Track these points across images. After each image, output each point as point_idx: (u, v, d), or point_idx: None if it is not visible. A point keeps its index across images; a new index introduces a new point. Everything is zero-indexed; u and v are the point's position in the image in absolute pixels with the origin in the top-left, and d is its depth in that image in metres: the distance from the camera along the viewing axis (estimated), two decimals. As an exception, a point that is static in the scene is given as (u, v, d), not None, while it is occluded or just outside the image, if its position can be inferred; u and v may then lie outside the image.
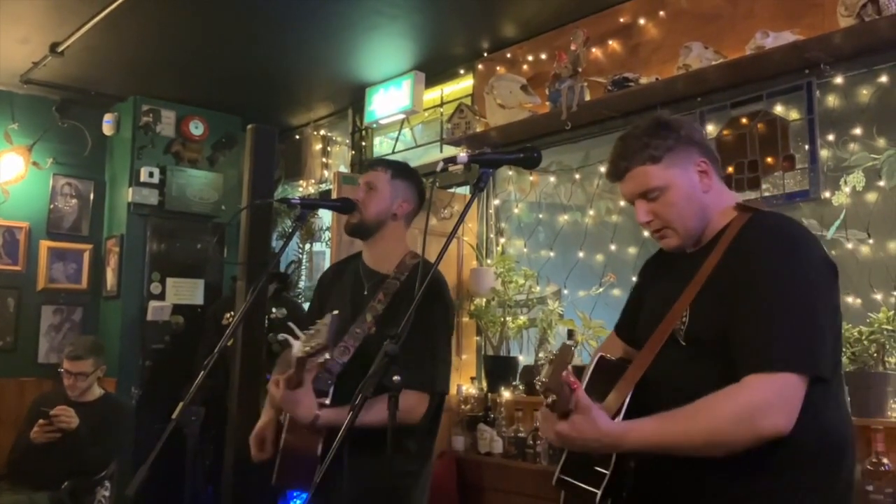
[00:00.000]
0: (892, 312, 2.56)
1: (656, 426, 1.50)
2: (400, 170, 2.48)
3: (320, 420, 2.13)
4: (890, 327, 2.54)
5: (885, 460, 2.38)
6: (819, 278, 1.54)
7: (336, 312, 2.11)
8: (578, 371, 1.64)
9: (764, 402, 1.43)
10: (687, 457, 1.50)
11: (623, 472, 1.59)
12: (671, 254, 1.80)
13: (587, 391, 1.55)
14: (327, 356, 2.09)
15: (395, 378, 1.65)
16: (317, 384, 2.19)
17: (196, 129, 5.24)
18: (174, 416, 2.03)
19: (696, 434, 1.47)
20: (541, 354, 3.70)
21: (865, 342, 2.56)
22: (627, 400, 1.61)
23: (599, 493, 1.57)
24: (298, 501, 4.36)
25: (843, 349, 2.58)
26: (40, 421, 3.62)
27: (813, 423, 1.47)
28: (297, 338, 2.15)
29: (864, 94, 2.85)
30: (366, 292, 2.39)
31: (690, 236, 1.69)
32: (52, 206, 5.18)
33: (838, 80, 2.88)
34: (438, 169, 1.85)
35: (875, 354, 2.56)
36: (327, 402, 2.20)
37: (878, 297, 2.71)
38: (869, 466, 2.40)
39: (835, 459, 1.54)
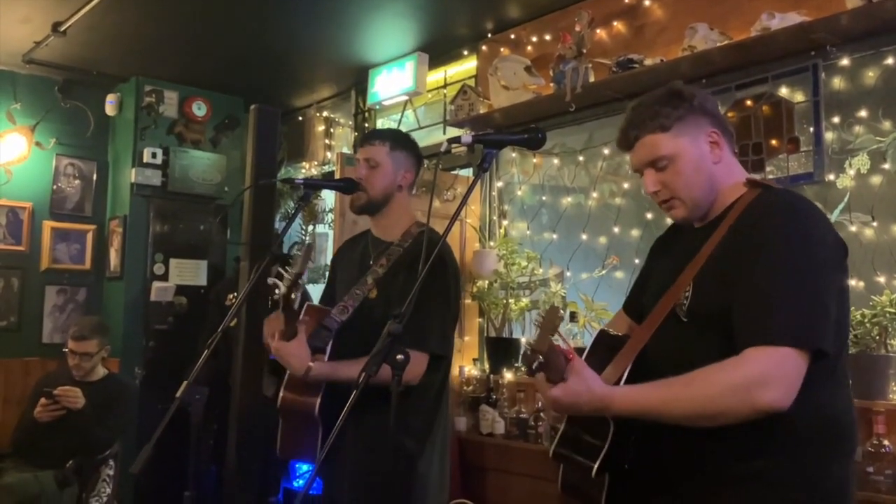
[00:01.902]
0: (895, 295, 2.56)
1: (649, 390, 1.50)
2: (397, 140, 2.48)
3: (312, 372, 2.16)
4: (893, 310, 2.54)
5: (885, 442, 2.39)
6: (826, 256, 1.52)
7: (309, 241, 2.15)
8: (579, 352, 1.64)
9: (762, 374, 1.42)
10: (686, 435, 1.49)
11: (622, 446, 1.58)
12: (680, 231, 1.80)
13: (587, 363, 1.56)
14: (304, 280, 2.12)
15: (399, 357, 1.66)
16: (315, 341, 2.22)
17: (199, 110, 5.23)
18: (178, 394, 2.05)
19: (689, 402, 1.47)
20: (539, 359, 3.69)
21: (868, 325, 2.56)
22: (626, 372, 1.61)
23: (596, 465, 1.57)
24: (304, 473, 4.40)
25: (846, 332, 2.58)
26: (42, 400, 3.65)
27: (815, 404, 1.47)
28: (280, 278, 2.19)
29: (871, 76, 2.83)
30: (372, 261, 2.41)
31: (698, 207, 1.67)
32: (55, 186, 5.18)
33: (844, 61, 2.87)
34: (442, 149, 1.84)
35: (877, 337, 2.56)
36: (325, 358, 2.23)
37: (882, 279, 2.71)
38: (870, 448, 2.41)
39: (835, 442, 1.54)
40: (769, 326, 1.44)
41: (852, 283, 2.75)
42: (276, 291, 2.17)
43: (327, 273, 2.77)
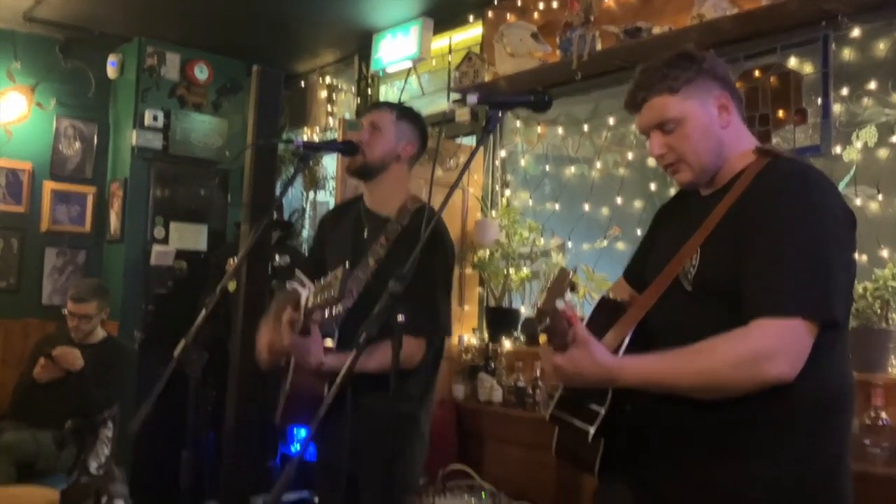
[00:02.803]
0: (897, 269, 2.56)
1: (656, 361, 1.48)
2: (404, 111, 2.45)
3: (325, 367, 2.15)
4: (895, 284, 2.53)
5: (883, 415, 2.40)
6: (836, 227, 1.50)
7: (348, 267, 2.10)
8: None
9: (770, 346, 1.41)
10: (683, 404, 1.48)
11: (619, 412, 1.57)
12: (686, 199, 1.78)
13: (587, 328, 1.53)
14: (339, 308, 2.05)
15: (400, 318, 1.65)
16: (322, 327, 2.20)
17: (201, 73, 5.18)
18: (176, 353, 2.04)
19: (695, 373, 1.45)
20: (546, 321, 3.70)
21: (869, 298, 2.55)
22: (627, 339, 1.58)
23: (593, 430, 1.56)
24: (300, 441, 4.41)
25: (847, 305, 2.58)
26: (41, 360, 3.65)
27: (817, 376, 1.45)
28: (303, 285, 2.15)
29: (881, 47, 2.80)
30: (366, 235, 2.39)
31: (705, 172, 1.64)
32: (55, 147, 5.15)
33: (855, 32, 2.83)
34: (447, 111, 1.83)
35: (879, 311, 2.55)
36: (332, 344, 2.21)
37: (885, 253, 2.70)
38: (867, 421, 2.41)
39: (834, 415, 1.53)
40: (778, 297, 1.42)
41: (855, 256, 2.74)
42: (309, 300, 2.12)
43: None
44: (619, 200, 3.66)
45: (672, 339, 1.50)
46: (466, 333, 4.00)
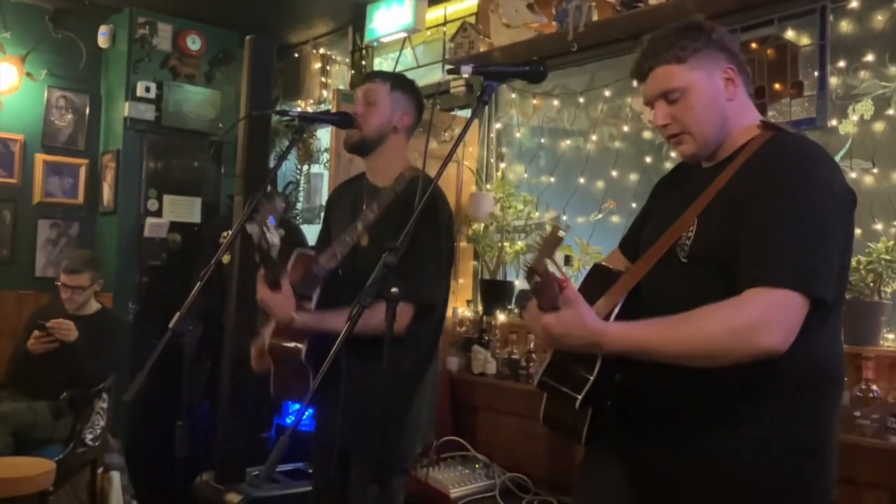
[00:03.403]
0: (891, 243, 2.56)
1: (646, 327, 1.47)
2: (398, 81, 2.43)
3: (296, 323, 2.15)
4: (888, 257, 2.54)
5: (874, 387, 2.41)
6: (834, 204, 1.49)
7: (271, 190, 2.10)
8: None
9: (763, 317, 1.40)
10: (672, 373, 1.48)
11: (608, 381, 1.57)
12: (686, 171, 1.78)
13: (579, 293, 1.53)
14: (270, 224, 2.04)
15: (394, 290, 1.65)
16: (301, 288, 2.20)
17: (193, 43, 5.12)
18: (171, 324, 2.04)
19: (687, 341, 1.44)
20: (536, 279, 3.70)
21: (863, 271, 2.56)
22: (619, 306, 1.58)
23: (580, 397, 1.55)
24: (296, 411, 4.43)
25: (841, 278, 2.59)
26: (35, 332, 3.66)
27: (807, 351, 1.46)
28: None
29: (880, 19, 2.78)
30: (364, 206, 2.38)
31: (708, 144, 1.64)
32: (47, 118, 5.10)
33: (853, 4, 2.81)
34: (442, 81, 1.81)
35: (871, 284, 2.56)
36: (312, 306, 2.22)
37: (879, 227, 2.70)
38: (858, 393, 2.43)
39: (823, 389, 1.55)
40: (773, 268, 1.42)
41: (854, 234, 2.75)
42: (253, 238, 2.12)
43: (322, 214, 2.73)
44: (614, 173, 3.66)
45: (663, 308, 1.49)
46: (461, 306, 4.01)
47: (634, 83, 2.48)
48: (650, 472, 1.64)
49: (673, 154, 3.18)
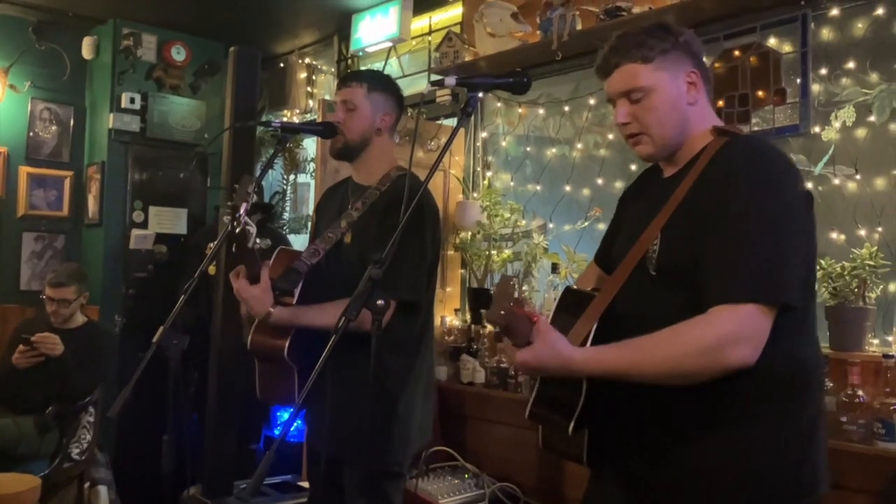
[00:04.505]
0: (875, 248, 2.58)
1: (616, 352, 1.49)
2: (375, 81, 2.42)
3: (272, 317, 2.14)
4: (872, 263, 2.55)
5: (860, 392, 2.42)
6: (793, 206, 1.50)
7: (248, 175, 2.11)
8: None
9: (730, 333, 1.42)
10: (650, 387, 1.49)
11: (597, 401, 1.56)
12: (649, 179, 1.79)
13: (553, 323, 1.54)
14: (242, 211, 2.05)
15: (379, 302, 1.65)
16: (283, 283, 2.20)
17: (178, 54, 5.11)
18: (155, 339, 2.03)
19: (659, 363, 1.46)
20: (524, 287, 3.71)
21: (847, 277, 2.57)
22: (593, 330, 1.57)
23: (572, 423, 1.56)
24: (285, 421, 4.41)
25: (826, 284, 2.60)
26: (20, 346, 3.62)
27: (781, 353, 1.47)
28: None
29: (860, 27, 2.80)
30: (350, 205, 2.38)
31: (666, 146, 1.65)
32: (31, 132, 5.07)
33: (834, 12, 2.83)
34: (426, 92, 1.82)
35: (856, 290, 2.57)
36: (293, 301, 2.21)
37: (863, 232, 2.72)
38: (844, 398, 2.44)
39: (801, 390, 1.55)
40: (736, 284, 1.44)
41: (833, 235, 2.77)
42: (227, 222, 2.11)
43: (310, 223, 2.73)
44: (599, 181, 3.67)
45: (637, 326, 1.50)
46: (449, 315, 4.01)
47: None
48: (640, 487, 1.64)
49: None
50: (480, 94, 1.81)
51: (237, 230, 2.05)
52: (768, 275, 1.44)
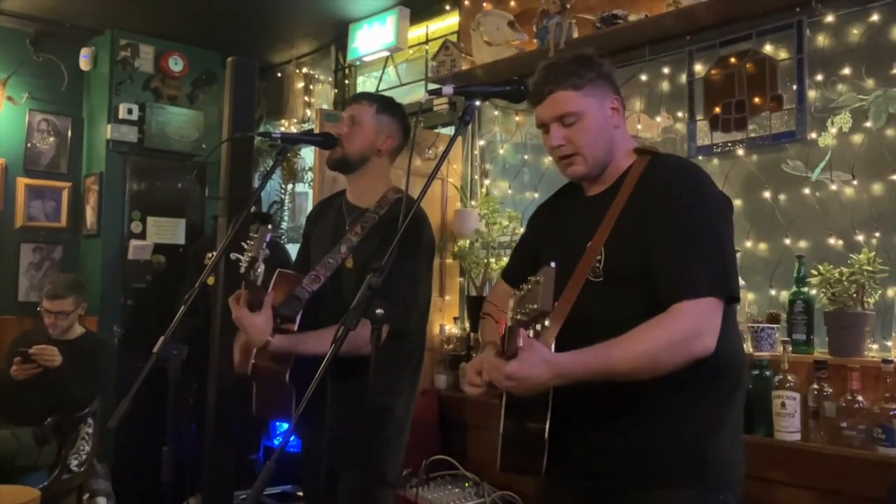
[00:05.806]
0: (872, 254, 2.58)
1: (596, 354, 1.58)
2: (385, 104, 2.43)
3: (271, 346, 2.13)
4: (870, 268, 2.55)
5: (859, 398, 2.42)
6: (722, 210, 1.70)
7: (263, 226, 2.13)
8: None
9: (695, 326, 1.56)
10: (614, 382, 1.60)
11: (557, 411, 1.64)
12: (567, 200, 1.91)
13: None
14: (258, 263, 2.08)
15: (378, 311, 1.65)
16: (284, 310, 2.19)
17: (175, 65, 5.13)
18: (155, 350, 2.03)
19: (634, 359, 1.56)
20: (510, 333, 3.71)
21: (845, 283, 2.57)
22: (552, 345, 1.64)
23: (547, 425, 1.62)
24: (284, 432, 4.40)
25: (824, 290, 2.62)
26: (16, 359, 3.61)
27: (723, 342, 1.60)
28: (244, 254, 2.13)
29: (855, 33, 2.81)
30: (347, 227, 2.37)
31: (597, 165, 1.78)
32: (28, 143, 5.07)
33: (829, 18, 2.84)
34: (423, 100, 1.84)
35: (854, 295, 2.57)
36: (294, 328, 2.20)
37: (861, 238, 2.72)
38: (843, 404, 2.44)
39: (737, 373, 1.74)
40: (693, 281, 1.58)
41: (831, 241, 2.78)
42: (240, 266, 2.12)
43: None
44: (597, 188, 3.67)
45: (591, 326, 1.62)
46: (448, 323, 4.01)
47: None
48: (590, 478, 1.73)
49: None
50: (478, 103, 1.85)
51: (253, 277, 2.08)
52: (719, 271, 1.60)
